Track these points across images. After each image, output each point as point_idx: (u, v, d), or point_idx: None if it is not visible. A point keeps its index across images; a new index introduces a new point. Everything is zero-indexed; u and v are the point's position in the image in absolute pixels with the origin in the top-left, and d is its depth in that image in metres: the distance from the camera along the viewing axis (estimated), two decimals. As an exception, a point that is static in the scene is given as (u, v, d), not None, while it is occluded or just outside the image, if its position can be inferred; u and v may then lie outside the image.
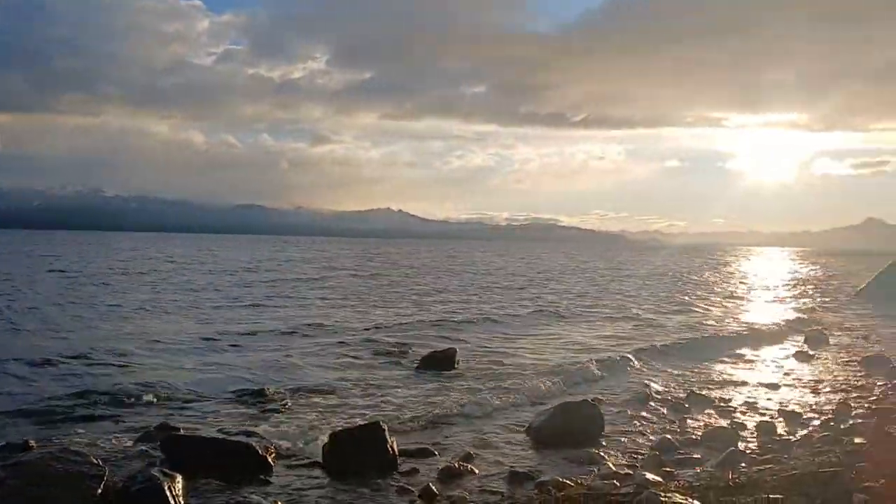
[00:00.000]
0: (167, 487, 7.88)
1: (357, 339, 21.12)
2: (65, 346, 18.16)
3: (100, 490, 7.96)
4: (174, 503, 7.78)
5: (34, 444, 9.74)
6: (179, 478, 8.17)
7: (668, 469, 9.63)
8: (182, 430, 10.73)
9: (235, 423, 11.56)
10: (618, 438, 11.46)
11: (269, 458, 9.44)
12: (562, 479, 8.93)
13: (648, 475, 9.07)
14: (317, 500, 8.49)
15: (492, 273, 64.98)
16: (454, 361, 17.17)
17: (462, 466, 9.55)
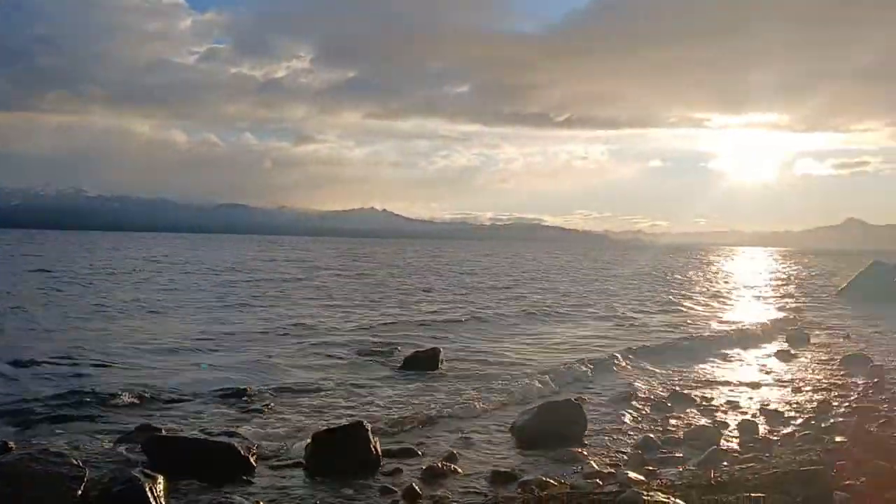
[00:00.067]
0: (148, 489, 7.81)
1: (341, 340, 21.07)
2: (46, 347, 17.97)
3: (80, 491, 7.89)
4: (155, 504, 7.73)
5: (13, 446, 9.65)
6: (161, 479, 8.11)
7: (651, 468, 9.67)
8: (164, 431, 10.65)
9: (218, 424, 11.49)
10: (601, 438, 11.48)
11: (252, 459, 9.39)
12: (545, 479, 8.95)
13: (631, 474, 9.10)
14: (299, 501, 8.45)
15: (477, 273, 64.99)
16: (438, 361, 17.14)
17: (445, 466, 9.54)
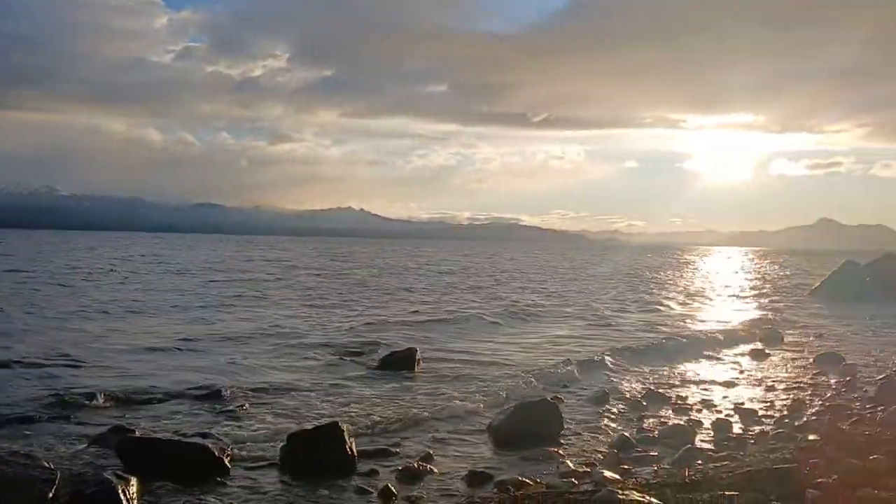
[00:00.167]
0: (121, 490, 7.75)
1: (318, 340, 20.95)
2: (21, 348, 17.73)
3: (51, 494, 7.80)
4: (128, 506, 7.66)
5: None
6: (134, 480, 8.04)
7: (626, 467, 9.72)
8: (137, 433, 10.52)
9: (192, 425, 11.39)
10: (577, 437, 11.54)
11: (226, 460, 9.32)
12: (521, 478, 8.97)
13: (606, 473, 9.13)
14: (273, 502, 8.41)
15: (456, 272, 64.96)
16: (415, 361, 17.11)
17: (421, 466, 9.53)
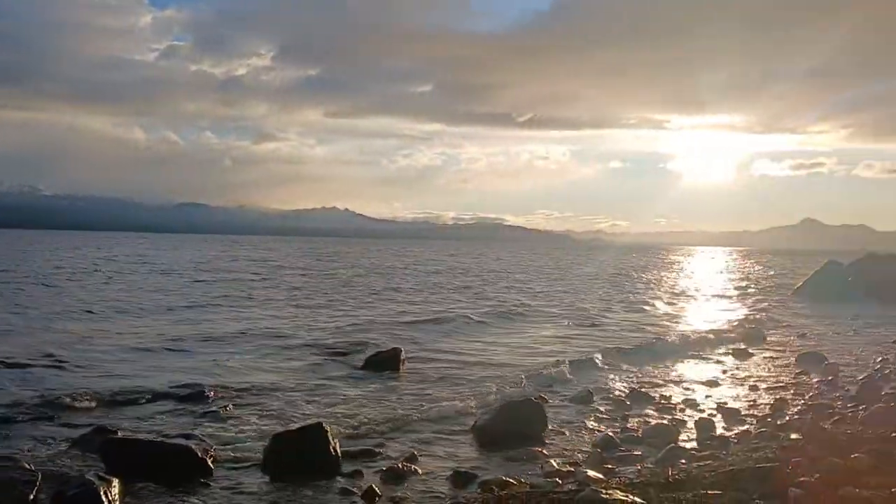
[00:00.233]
0: (103, 492, 7.70)
1: (302, 341, 20.90)
2: (2, 349, 17.57)
3: (32, 496, 7.76)
4: (110, 508, 7.61)
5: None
6: (116, 482, 8.00)
7: (610, 466, 9.75)
8: (120, 434, 10.46)
9: (175, 426, 11.34)
10: (561, 436, 11.56)
11: (209, 461, 9.27)
12: (505, 478, 8.97)
13: (590, 472, 9.15)
14: (257, 503, 8.38)
15: (442, 272, 64.95)
16: (399, 362, 17.09)
17: (406, 467, 9.52)
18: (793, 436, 10.89)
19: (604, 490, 7.51)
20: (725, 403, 13.96)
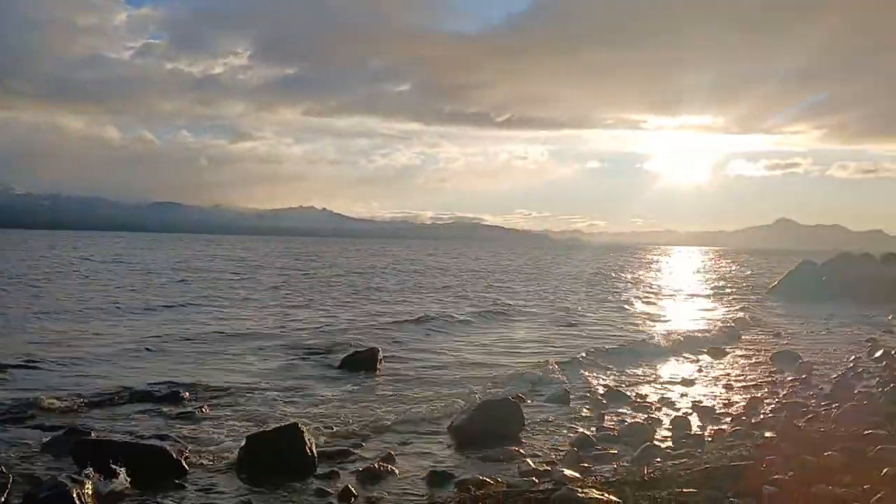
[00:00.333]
0: (76, 494, 7.63)
1: (280, 341, 20.79)
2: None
3: (3, 498, 7.65)
4: (83, 510, 7.53)
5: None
6: (89, 483, 7.93)
7: (586, 465, 9.77)
8: (93, 435, 10.36)
9: (150, 427, 11.24)
10: (538, 436, 11.58)
11: (184, 462, 9.21)
12: (481, 478, 8.97)
13: (566, 471, 9.16)
14: (233, 504, 8.33)
15: (422, 272, 64.85)
16: (377, 362, 17.05)
17: (382, 467, 9.49)
18: (767, 434, 10.98)
19: (580, 489, 7.54)
20: (701, 402, 14.05)
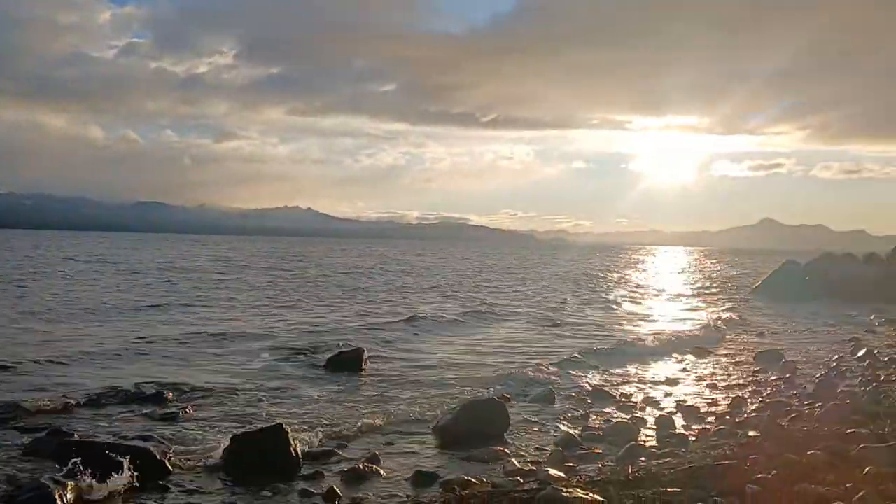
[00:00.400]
0: (58, 495, 7.59)
1: (265, 341, 20.66)
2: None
3: (-16, 501, 7.59)
4: (65, 512, 7.48)
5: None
6: (71, 485, 7.87)
7: (571, 464, 9.80)
8: (76, 436, 10.29)
9: (133, 429, 11.16)
10: (523, 435, 11.60)
11: (167, 463, 9.16)
12: (466, 478, 8.98)
13: (551, 471, 9.18)
14: (217, 505, 8.29)
15: (409, 272, 64.72)
16: (362, 362, 17.02)
17: (367, 468, 9.47)
18: (750, 433, 11.02)
19: (564, 488, 7.54)
20: (685, 402, 14.12)
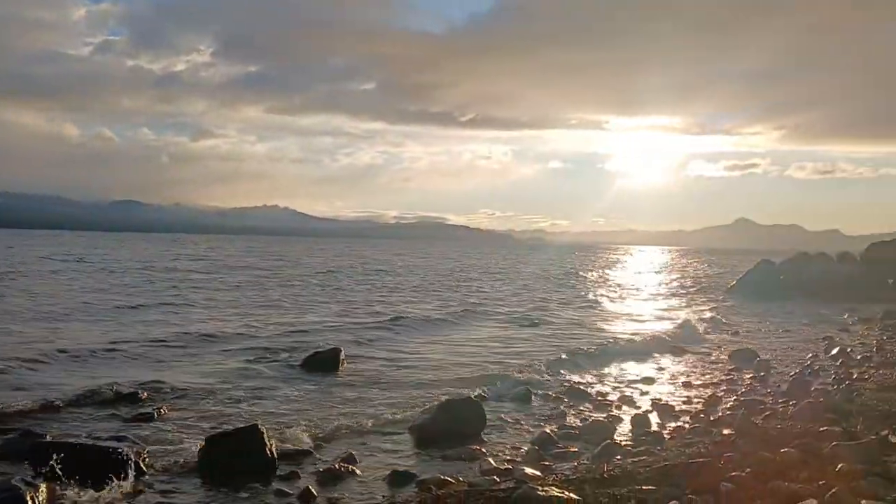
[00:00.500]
0: (29, 497, 7.50)
1: (242, 342, 20.52)
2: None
3: (-46, 503, 7.48)
4: (37, 514, 7.40)
5: None
6: (43, 486, 7.80)
7: (547, 463, 9.84)
8: (49, 437, 10.18)
9: (107, 429, 11.06)
10: (499, 435, 11.64)
11: (142, 463, 9.09)
12: (443, 477, 9.00)
13: (528, 470, 9.22)
14: (192, 506, 8.24)
15: (388, 272, 64.57)
16: (339, 362, 16.97)
17: (343, 468, 9.45)
18: (725, 431, 11.13)
19: (540, 487, 7.57)
20: (661, 400, 14.22)
